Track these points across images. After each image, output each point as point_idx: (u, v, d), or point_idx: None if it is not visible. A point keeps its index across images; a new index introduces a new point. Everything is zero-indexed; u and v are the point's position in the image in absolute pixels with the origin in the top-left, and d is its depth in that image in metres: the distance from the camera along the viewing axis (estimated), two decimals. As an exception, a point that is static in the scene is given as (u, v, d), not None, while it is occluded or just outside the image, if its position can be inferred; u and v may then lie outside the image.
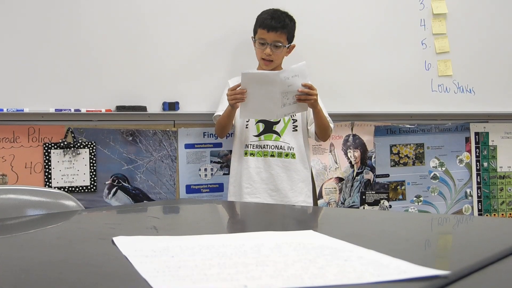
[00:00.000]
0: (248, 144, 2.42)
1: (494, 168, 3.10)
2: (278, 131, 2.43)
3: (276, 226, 1.16)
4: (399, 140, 2.96)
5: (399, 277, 0.59)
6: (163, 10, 2.54)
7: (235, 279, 0.58)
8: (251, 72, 2.22)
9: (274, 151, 2.42)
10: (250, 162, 2.41)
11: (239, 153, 2.45)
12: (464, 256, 0.76)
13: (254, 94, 2.16)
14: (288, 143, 2.43)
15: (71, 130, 2.46)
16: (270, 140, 2.42)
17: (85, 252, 0.80)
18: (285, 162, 2.42)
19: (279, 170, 2.41)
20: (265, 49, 2.37)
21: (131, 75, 2.50)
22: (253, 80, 2.16)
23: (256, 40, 2.41)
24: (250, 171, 2.40)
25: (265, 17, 2.40)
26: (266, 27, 2.37)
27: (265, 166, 2.41)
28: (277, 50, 2.38)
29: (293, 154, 2.43)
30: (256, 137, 2.42)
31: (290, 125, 2.44)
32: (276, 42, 2.37)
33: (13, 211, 1.34)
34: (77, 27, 2.43)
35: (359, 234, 0.97)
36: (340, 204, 2.84)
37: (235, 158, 2.47)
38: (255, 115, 2.33)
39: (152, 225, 1.08)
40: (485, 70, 3.02)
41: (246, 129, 2.43)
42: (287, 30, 2.39)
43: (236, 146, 2.47)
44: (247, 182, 2.40)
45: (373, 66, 2.85)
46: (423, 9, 2.93)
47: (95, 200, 2.48)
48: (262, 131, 2.43)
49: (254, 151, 2.42)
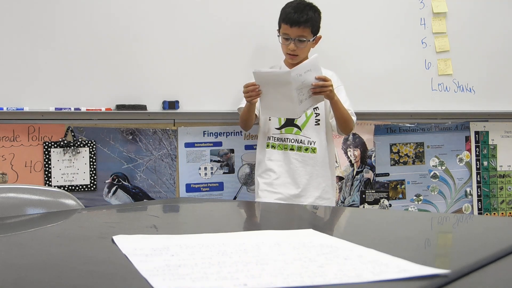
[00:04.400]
0: (270, 136, 2.43)
1: (494, 167, 3.10)
2: (299, 125, 2.42)
3: (276, 225, 1.16)
4: (399, 139, 2.96)
5: (399, 276, 0.59)
6: (163, 9, 2.54)
7: (235, 278, 0.58)
8: (262, 71, 2.17)
9: (294, 144, 2.41)
10: (271, 154, 2.42)
11: (262, 144, 2.46)
12: (464, 255, 0.77)
13: (269, 93, 2.15)
14: (309, 138, 2.41)
15: (71, 129, 2.46)
16: (291, 133, 2.42)
17: (85, 251, 0.80)
18: (305, 157, 2.40)
19: (298, 164, 2.40)
20: (289, 45, 2.34)
21: (131, 74, 2.50)
22: (265, 79, 2.13)
23: (280, 35, 2.38)
24: (270, 163, 2.41)
25: (288, 11, 2.34)
26: (289, 22, 2.31)
27: (284, 159, 2.41)
28: (301, 44, 2.34)
29: (314, 149, 2.41)
30: (277, 130, 2.42)
31: (313, 119, 2.43)
32: (300, 37, 2.33)
33: (13, 210, 1.34)
34: (77, 26, 2.42)
35: (359, 233, 0.97)
36: (340, 203, 2.84)
37: (259, 149, 2.49)
38: (276, 114, 2.33)
39: (152, 224, 1.08)
40: (485, 69, 3.02)
41: (269, 121, 2.44)
42: (310, 23, 2.33)
43: (260, 137, 2.49)
44: (267, 174, 2.41)
45: (373, 65, 2.85)
46: (423, 8, 2.93)
47: (95, 199, 2.48)
48: (283, 124, 2.43)
49: (275, 143, 2.42)
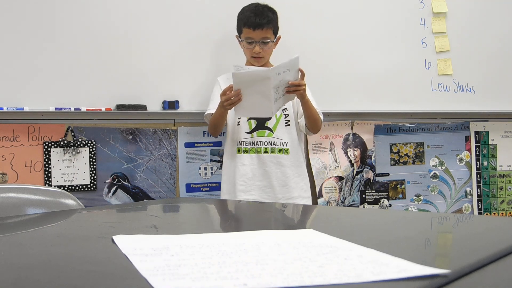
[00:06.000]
0: (240, 141, 2.40)
1: (494, 167, 3.10)
2: (270, 127, 2.41)
3: (276, 225, 1.16)
4: (399, 139, 2.96)
5: (399, 276, 0.59)
6: (164, 9, 2.54)
7: (235, 278, 0.58)
8: (242, 72, 2.13)
9: (267, 147, 2.40)
10: (243, 159, 2.39)
11: (232, 150, 2.42)
12: (464, 255, 0.77)
13: (247, 93, 2.11)
14: (281, 139, 2.40)
15: (71, 129, 2.46)
16: (263, 136, 2.40)
17: (85, 251, 0.80)
18: (279, 158, 2.40)
19: (273, 166, 2.39)
20: (254, 48, 2.36)
21: (131, 74, 2.50)
22: (245, 79, 2.09)
23: (242, 40, 2.40)
24: (244, 168, 2.38)
25: (248, 15, 2.37)
26: (252, 26, 2.34)
27: (258, 163, 2.39)
28: (266, 46, 2.38)
29: (287, 150, 2.40)
30: (248, 134, 2.40)
31: (282, 120, 2.42)
32: (264, 39, 2.36)
33: (13, 209, 1.34)
34: (77, 26, 2.42)
35: (359, 233, 0.97)
36: (340, 203, 2.84)
37: (228, 156, 2.45)
38: (250, 114, 2.29)
39: (152, 224, 1.08)
40: (485, 69, 3.02)
41: (238, 126, 2.41)
42: (272, 24, 2.37)
43: (228, 143, 2.45)
44: (241, 179, 2.38)
45: (373, 65, 2.85)
46: (423, 8, 2.93)
47: (95, 198, 2.48)
48: (254, 127, 2.41)
49: (247, 148, 2.40)
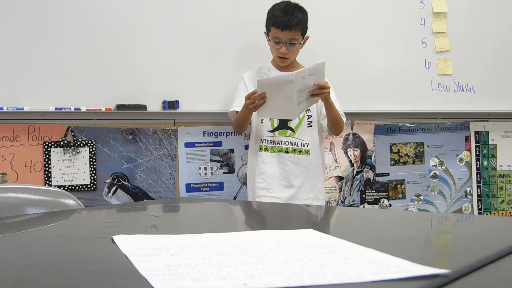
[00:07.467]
0: (262, 139, 2.42)
1: (494, 167, 3.10)
2: (292, 127, 2.41)
3: (276, 225, 1.16)
4: (399, 139, 2.96)
5: (399, 276, 0.59)
6: (163, 9, 2.54)
7: (235, 278, 0.58)
8: (266, 79, 2.14)
9: (288, 147, 2.40)
10: (264, 157, 2.41)
11: (254, 148, 2.45)
12: (464, 255, 0.77)
13: (271, 96, 2.13)
14: (302, 140, 2.41)
15: (71, 129, 2.46)
16: (285, 136, 2.41)
17: (85, 251, 0.80)
18: (299, 159, 2.40)
19: (293, 166, 2.40)
20: (280, 48, 2.33)
21: (131, 74, 2.50)
22: (270, 85, 2.11)
23: (270, 39, 2.36)
24: (264, 166, 2.40)
25: (277, 14, 2.31)
26: (280, 26, 2.29)
27: (278, 162, 2.40)
28: (293, 47, 2.34)
29: (307, 151, 2.41)
30: (270, 133, 2.41)
31: (305, 121, 2.43)
32: (292, 40, 2.32)
33: (13, 209, 1.34)
34: (77, 26, 2.42)
35: (359, 232, 0.97)
36: (340, 203, 2.84)
37: (251, 153, 2.48)
38: (273, 115, 2.31)
39: (152, 224, 1.08)
40: (485, 69, 3.02)
41: (261, 124, 2.42)
42: (300, 26, 2.32)
43: (252, 141, 2.48)
44: (261, 177, 2.40)
45: (373, 65, 2.85)
46: (423, 8, 2.93)
47: (95, 198, 2.48)
48: (276, 127, 2.42)
49: (268, 146, 2.41)
